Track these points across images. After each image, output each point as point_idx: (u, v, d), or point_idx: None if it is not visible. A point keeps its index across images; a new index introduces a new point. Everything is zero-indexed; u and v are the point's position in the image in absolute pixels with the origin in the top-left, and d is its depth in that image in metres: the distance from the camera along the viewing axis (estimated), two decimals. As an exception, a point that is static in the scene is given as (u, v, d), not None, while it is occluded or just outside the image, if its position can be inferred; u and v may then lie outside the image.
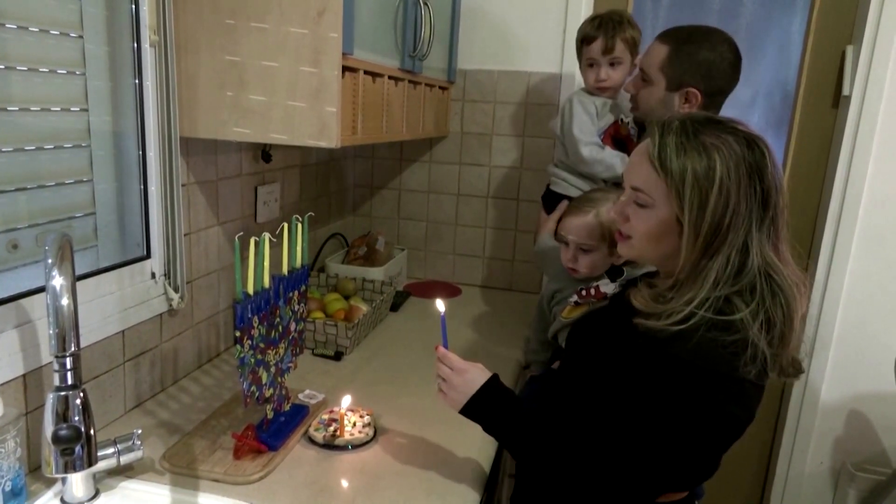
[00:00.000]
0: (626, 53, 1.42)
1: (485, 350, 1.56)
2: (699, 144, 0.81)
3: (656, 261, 0.91)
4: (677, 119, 0.85)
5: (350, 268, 1.84)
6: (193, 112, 1.15)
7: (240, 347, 0.97)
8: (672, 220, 0.83)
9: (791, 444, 1.93)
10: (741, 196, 0.80)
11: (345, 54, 1.11)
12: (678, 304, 0.81)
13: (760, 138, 0.83)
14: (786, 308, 0.80)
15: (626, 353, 0.85)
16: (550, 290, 1.33)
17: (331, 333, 1.46)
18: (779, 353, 0.81)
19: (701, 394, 0.78)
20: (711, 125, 0.83)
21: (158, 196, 1.17)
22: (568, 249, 1.23)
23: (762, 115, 1.86)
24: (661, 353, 0.80)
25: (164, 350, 1.24)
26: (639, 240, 0.88)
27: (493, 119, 1.95)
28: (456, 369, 0.95)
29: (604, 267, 1.21)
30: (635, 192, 0.87)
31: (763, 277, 0.80)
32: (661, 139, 0.83)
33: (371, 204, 2.15)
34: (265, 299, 1.02)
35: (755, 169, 0.80)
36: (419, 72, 1.58)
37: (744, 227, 0.80)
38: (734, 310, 0.79)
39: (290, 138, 1.13)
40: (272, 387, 1.07)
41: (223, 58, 1.12)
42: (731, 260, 0.80)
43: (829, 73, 1.76)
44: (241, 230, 1.42)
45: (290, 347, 1.13)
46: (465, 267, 2.10)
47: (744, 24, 1.81)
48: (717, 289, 0.80)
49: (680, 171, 0.81)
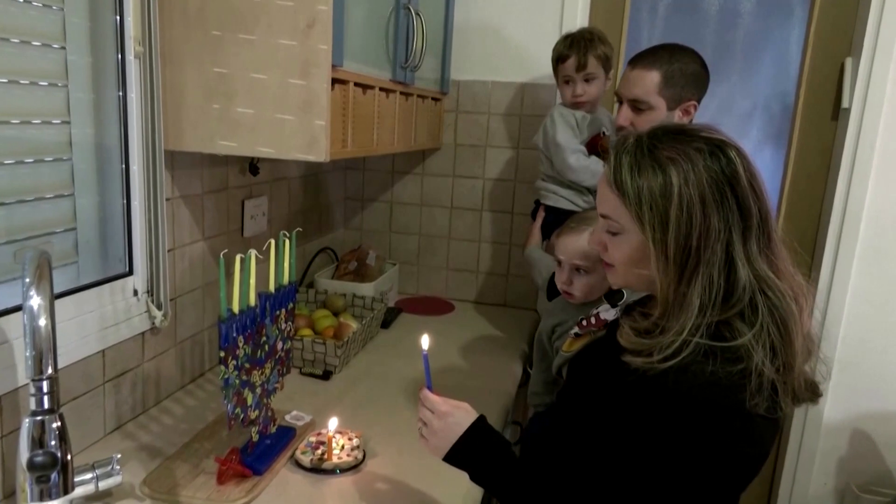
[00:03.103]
0: (599, 69, 1.53)
1: (478, 370, 1.56)
2: (654, 160, 0.77)
3: (645, 288, 0.87)
4: (633, 136, 0.82)
5: (340, 283, 1.84)
6: (179, 125, 1.16)
7: (224, 368, 0.96)
8: (645, 244, 0.79)
9: (794, 465, 1.93)
10: (708, 209, 0.75)
11: (334, 66, 1.12)
12: (667, 336, 0.76)
13: (727, 142, 0.78)
14: (782, 327, 0.76)
15: (619, 394, 0.80)
16: (550, 325, 1.29)
17: (319, 352, 1.46)
18: (787, 380, 0.76)
19: (704, 435, 0.73)
20: (671, 137, 0.79)
21: (142, 211, 1.17)
22: (563, 271, 1.21)
23: (761, 128, 1.88)
24: (654, 393, 0.75)
25: (146, 370, 1.23)
26: (621, 269, 0.85)
27: (488, 130, 1.97)
28: (438, 413, 0.89)
29: (601, 290, 1.18)
30: (605, 219, 0.84)
31: (761, 294, 0.76)
32: (615, 160, 0.81)
33: (362, 217, 2.15)
34: (251, 318, 1.02)
35: (723, 177, 0.76)
36: (411, 83, 1.60)
37: (720, 241, 0.75)
38: (735, 334, 0.75)
39: (278, 152, 1.14)
40: (257, 408, 1.07)
41: (210, 69, 1.13)
42: (715, 280, 0.75)
43: (828, 85, 1.78)
44: (227, 245, 1.42)
45: (276, 367, 1.13)
46: (459, 282, 2.10)
47: (741, 35, 1.84)
48: (707, 314, 0.75)
49: (635, 192, 0.78)
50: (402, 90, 1.57)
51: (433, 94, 1.83)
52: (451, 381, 1.46)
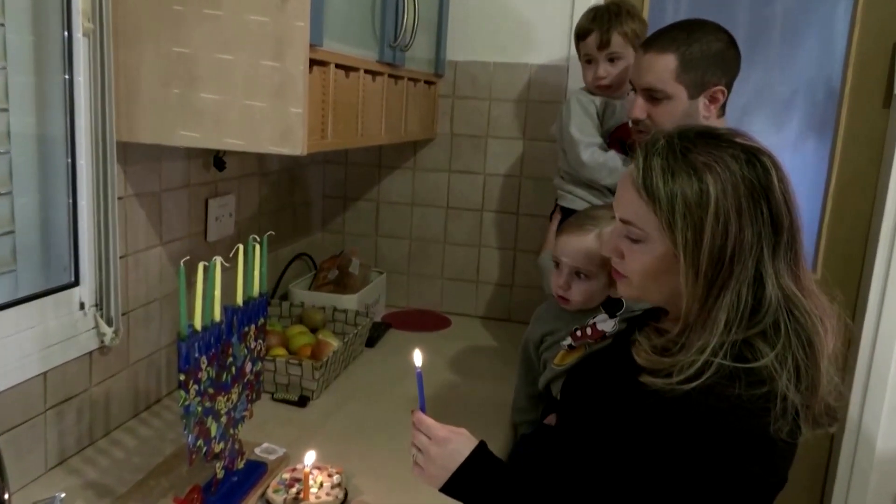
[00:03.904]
0: (627, 48, 1.51)
1: (478, 393, 1.57)
2: (689, 165, 0.82)
3: (662, 301, 0.92)
4: (663, 136, 0.86)
5: (318, 295, 1.85)
6: (133, 113, 1.17)
7: (184, 394, 0.97)
8: (670, 254, 0.84)
9: (843, 502, 1.95)
10: (744, 220, 0.80)
11: (312, 45, 1.13)
12: (689, 355, 0.81)
13: (763, 151, 0.84)
14: (808, 348, 0.80)
15: (634, 416, 0.84)
16: (538, 334, 1.31)
17: (294, 374, 1.47)
18: (810, 404, 0.81)
19: (724, 460, 0.78)
20: (704, 140, 0.84)
21: (90, 211, 1.17)
22: (560, 273, 1.21)
23: (802, 117, 1.90)
24: (674, 416, 0.80)
25: (94, 395, 1.24)
26: (638, 279, 0.89)
27: (489, 119, 1.98)
28: (435, 438, 0.92)
29: (600, 298, 1.19)
30: (626, 225, 0.88)
31: (785, 313, 0.81)
32: (644, 162, 0.84)
33: (344, 219, 2.16)
34: (215, 335, 1.02)
35: (759, 187, 0.81)
36: (401, 64, 1.61)
37: (752, 256, 0.81)
38: (757, 355, 0.80)
39: (248, 144, 1.15)
40: (223, 440, 1.08)
41: (169, 50, 1.14)
42: (744, 296, 0.81)
43: (878, 69, 1.80)
44: (188, 252, 1.43)
45: (244, 392, 1.13)
46: (456, 293, 2.11)
47: (780, 12, 1.86)
48: (731, 332, 0.80)
49: (668, 198, 0.81)
50: (391, 72, 1.58)
51: (426, 77, 1.85)
52: (448, 406, 1.46)
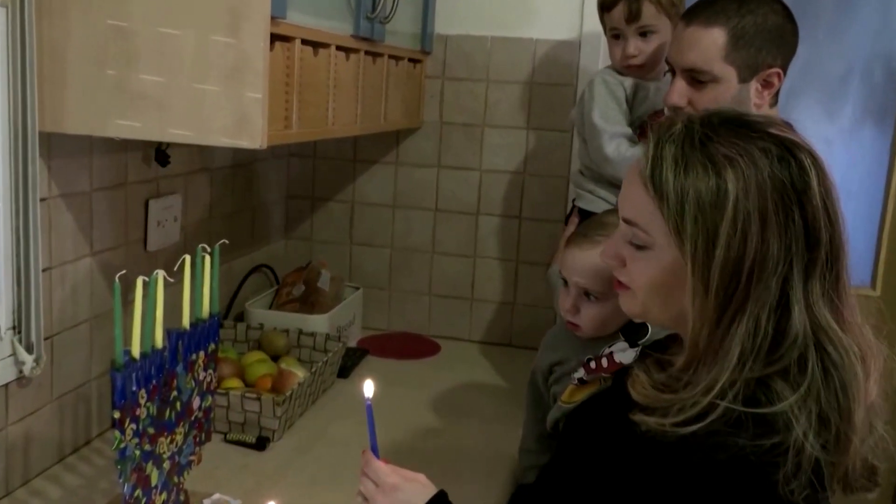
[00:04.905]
0: (662, 19, 1.49)
1: (474, 430, 1.57)
2: (706, 157, 0.79)
3: (670, 322, 0.89)
4: (683, 121, 0.84)
5: (281, 315, 1.85)
6: (59, 98, 1.17)
7: (119, 434, 0.97)
8: (679, 266, 0.81)
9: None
10: (769, 230, 0.77)
11: (274, 18, 1.14)
12: (693, 392, 0.78)
13: (802, 146, 0.81)
14: (840, 392, 0.77)
15: (625, 461, 0.83)
16: (547, 363, 1.31)
17: (252, 411, 1.47)
18: (838, 461, 0.78)
19: None
20: (729, 128, 0.82)
21: (6, 215, 1.18)
22: (568, 294, 1.22)
23: (858, 101, 1.92)
24: (665, 464, 0.78)
25: (11, 436, 1.24)
26: (642, 293, 0.87)
27: (486, 104, 1.99)
28: (383, 486, 0.92)
29: (617, 324, 1.17)
30: (629, 226, 0.86)
31: (815, 348, 0.78)
32: (655, 150, 0.82)
33: (311, 223, 2.16)
34: (157, 364, 1.03)
35: (791, 190, 0.78)
36: (380, 39, 1.62)
37: (778, 274, 0.77)
38: (774, 398, 0.77)
39: (196, 135, 1.16)
40: (165, 490, 1.08)
41: (103, 23, 1.14)
42: (763, 324, 0.78)
43: (947, 45, 1.83)
44: (124, 264, 1.43)
45: (191, 433, 1.14)
46: (446, 313, 2.11)
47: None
48: (746, 368, 0.77)
49: (677, 196, 0.79)
50: (368, 49, 1.59)
51: (411, 55, 1.86)
52: (438, 444, 1.48)
